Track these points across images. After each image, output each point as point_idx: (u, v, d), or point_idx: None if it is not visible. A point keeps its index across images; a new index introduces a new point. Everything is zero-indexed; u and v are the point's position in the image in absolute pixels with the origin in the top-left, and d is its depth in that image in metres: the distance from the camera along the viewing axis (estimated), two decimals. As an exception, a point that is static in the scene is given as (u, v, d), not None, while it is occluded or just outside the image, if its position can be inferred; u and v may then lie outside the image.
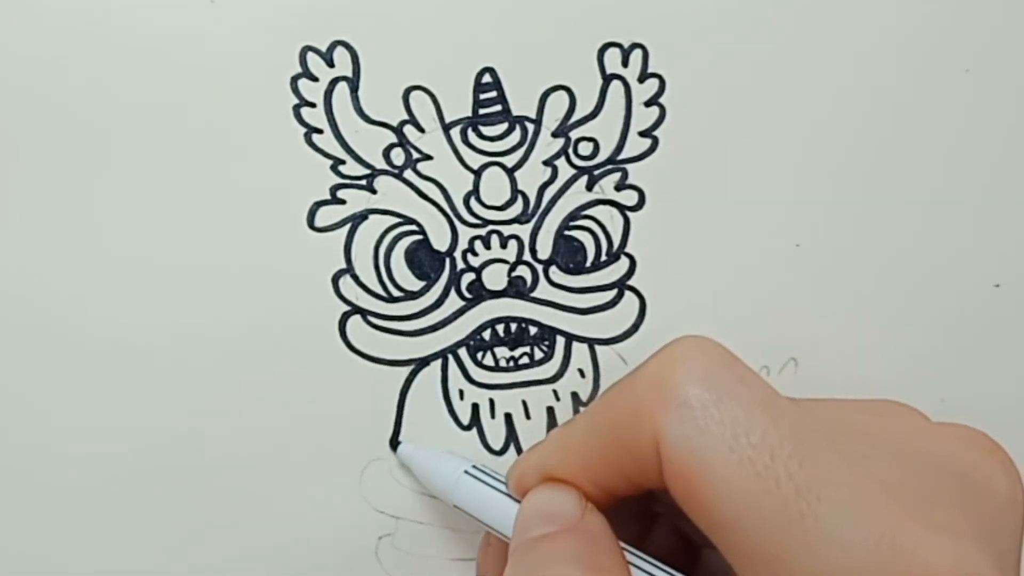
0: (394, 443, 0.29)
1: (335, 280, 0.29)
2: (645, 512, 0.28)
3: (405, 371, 0.29)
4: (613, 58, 0.30)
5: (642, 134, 0.30)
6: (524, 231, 0.30)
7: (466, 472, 0.27)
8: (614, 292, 0.30)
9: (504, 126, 0.30)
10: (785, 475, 0.21)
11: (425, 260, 0.30)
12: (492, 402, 0.30)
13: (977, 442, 0.24)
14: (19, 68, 0.28)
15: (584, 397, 0.30)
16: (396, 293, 0.30)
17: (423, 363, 0.30)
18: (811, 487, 0.21)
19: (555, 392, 0.30)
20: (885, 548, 0.20)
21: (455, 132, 0.30)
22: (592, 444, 0.25)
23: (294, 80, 0.29)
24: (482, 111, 0.30)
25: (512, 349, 0.30)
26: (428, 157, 0.30)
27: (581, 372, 0.30)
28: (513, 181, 0.30)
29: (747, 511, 0.21)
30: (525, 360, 0.30)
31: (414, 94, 0.29)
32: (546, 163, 0.30)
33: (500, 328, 0.30)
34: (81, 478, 0.28)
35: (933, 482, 0.22)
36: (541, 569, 0.23)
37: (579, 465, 0.25)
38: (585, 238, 0.30)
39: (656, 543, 0.28)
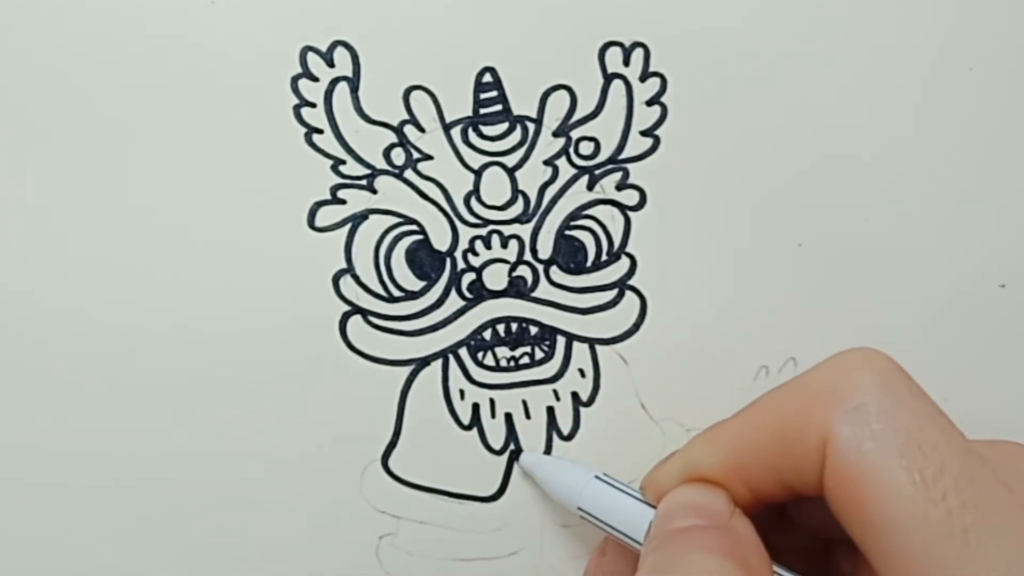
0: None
1: (335, 280, 0.29)
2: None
3: (405, 371, 0.29)
4: (614, 57, 0.30)
5: (643, 133, 0.30)
6: (525, 231, 0.30)
7: (596, 477, 0.27)
8: (615, 292, 0.30)
9: (505, 126, 0.30)
10: (953, 488, 0.21)
11: (426, 260, 0.30)
12: (492, 402, 0.30)
13: None
14: (18, 68, 0.28)
15: (584, 397, 0.30)
16: (397, 293, 0.30)
17: (424, 363, 0.30)
18: (978, 504, 0.21)
19: (555, 392, 0.30)
20: None
21: (455, 132, 0.30)
22: (749, 442, 0.25)
23: (294, 80, 0.29)
24: (483, 111, 0.30)
25: (513, 349, 0.30)
26: (428, 157, 0.29)
27: (581, 372, 0.30)
28: (514, 181, 0.30)
29: (910, 518, 0.21)
30: (526, 360, 0.30)
31: (414, 94, 0.29)
32: (547, 163, 0.30)
33: (501, 328, 0.30)
34: (77, 479, 0.29)
35: None
36: (686, 555, 0.23)
37: (731, 464, 0.25)
38: (586, 238, 0.30)
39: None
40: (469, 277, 0.30)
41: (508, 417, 0.30)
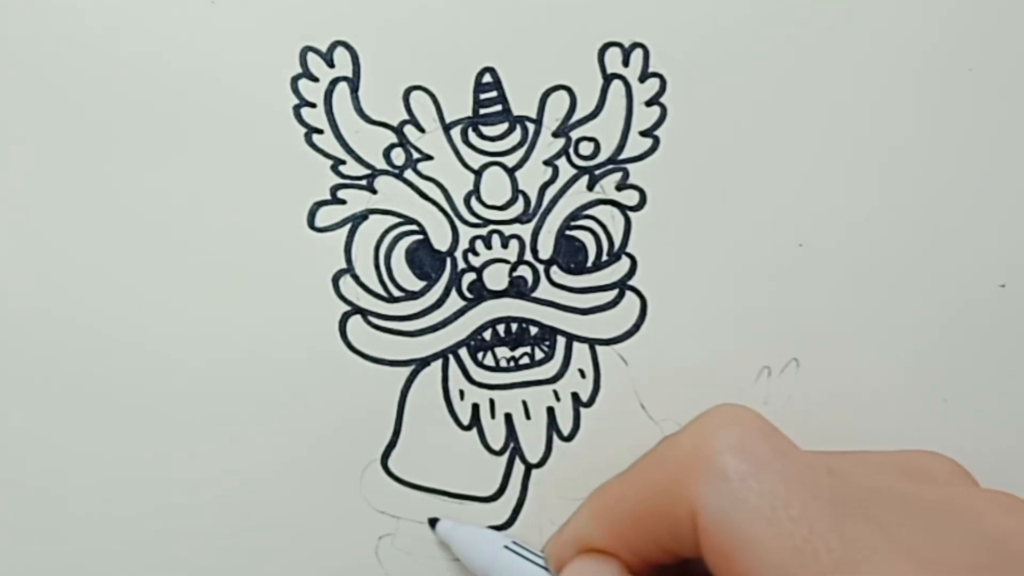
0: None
1: (335, 280, 0.29)
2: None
3: (405, 371, 0.29)
4: (614, 58, 0.30)
5: (643, 134, 0.30)
6: (525, 231, 0.30)
7: (506, 547, 0.28)
8: (615, 292, 0.30)
9: (504, 126, 0.30)
10: (824, 548, 0.21)
11: (426, 260, 0.30)
12: (492, 402, 0.30)
13: (1015, 510, 0.24)
14: (18, 68, 0.28)
15: (584, 397, 0.30)
16: (397, 293, 0.30)
17: (423, 363, 0.30)
18: (850, 561, 0.21)
19: (555, 392, 0.30)
20: None
21: (455, 132, 0.30)
22: (626, 514, 0.25)
23: (294, 80, 0.29)
24: (482, 111, 0.30)
25: (513, 349, 0.30)
26: (428, 157, 0.30)
27: (581, 372, 0.30)
28: (514, 181, 0.30)
29: None
30: (525, 360, 0.30)
31: (414, 94, 0.29)
32: (547, 163, 0.30)
33: (501, 328, 0.30)
34: (73, 481, 0.28)
35: (968, 554, 0.22)
36: None
37: (615, 535, 0.25)
38: (586, 238, 0.30)
39: None
40: (469, 277, 0.30)
41: (508, 417, 0.30)
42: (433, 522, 0.29)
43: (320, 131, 0.29)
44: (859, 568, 0.21)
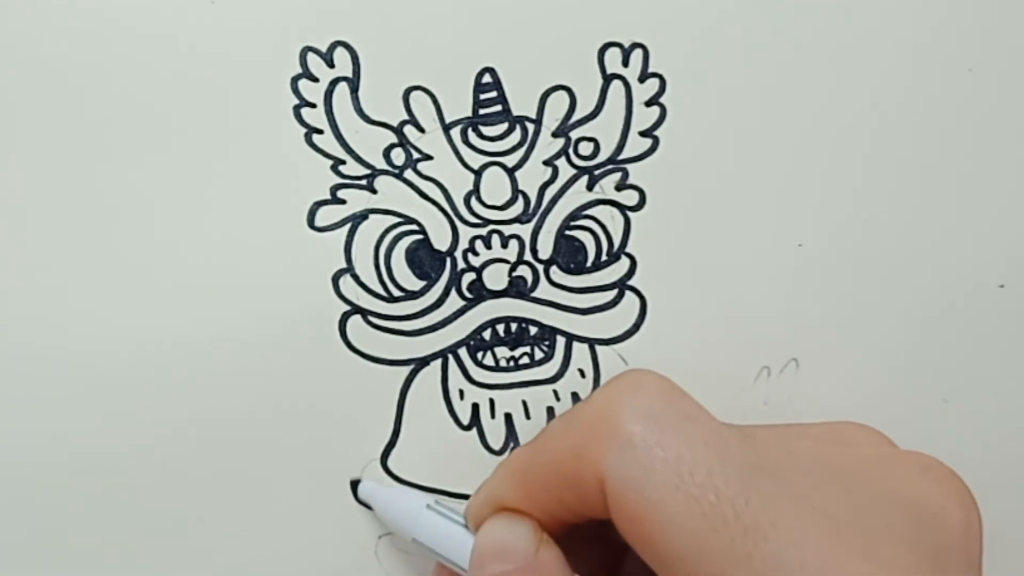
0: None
1: (335, 280, 0.29)
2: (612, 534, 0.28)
3: (405, 371, 0.29)
4: (613, 58, 0.30)
5: (643, 134, 0.30)
6: (525, 231, 0.30)
7: (428, 507, 0.27)
8: (615, 292, 0.30)
9: (504, 126, 0.30)
10: (732, 514, 0.21)
11: (426, 260, 0.30)
12: (492, 402, 0.30)
13: (933, 470, 0.24)
14: (17, 67, 0.28)
15: (584, 397, 0.30)
16: (396, 293, 0.30)
17: (423, 363, 0.30)
18: (758, 526, 0.21)
19: (555, 392, 0.30)
20: None
21: (455, 132, 0.30)
22: (537, 477, 0.25)
23: (294, 80, 0.29)
24: (482, 111, 0.30)
25: (512, 349, 0.30)
26: (428, 157, 0.30)
27: (581, 372, 0.30)
28: (514, 181, 0.30)
29: (694, 550, 0.21)
30: (525, 360, 0.30)
31: (414, 94, 0.29)
32: (546, 163, 0.30)
33: (500, 328, 0.30)
34: (76, 484, 0.28)
35: (885, 516, 0.22)
36: None
37: (527, 496, 0.25)
38: (586, 238, 0.30)
39: (630, 567, 0.28)
40: (469, 277, 0.30)
41: (508, 417, 0.30)
42: (355, 484, 0.29)
43: (320, 131, 0.29)
44: (767, 532, 0.21)
